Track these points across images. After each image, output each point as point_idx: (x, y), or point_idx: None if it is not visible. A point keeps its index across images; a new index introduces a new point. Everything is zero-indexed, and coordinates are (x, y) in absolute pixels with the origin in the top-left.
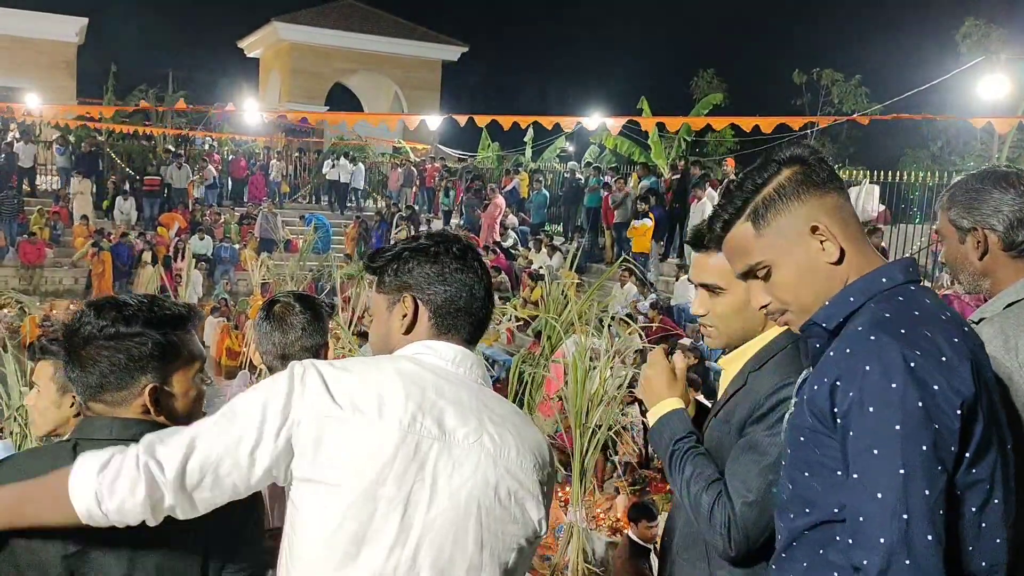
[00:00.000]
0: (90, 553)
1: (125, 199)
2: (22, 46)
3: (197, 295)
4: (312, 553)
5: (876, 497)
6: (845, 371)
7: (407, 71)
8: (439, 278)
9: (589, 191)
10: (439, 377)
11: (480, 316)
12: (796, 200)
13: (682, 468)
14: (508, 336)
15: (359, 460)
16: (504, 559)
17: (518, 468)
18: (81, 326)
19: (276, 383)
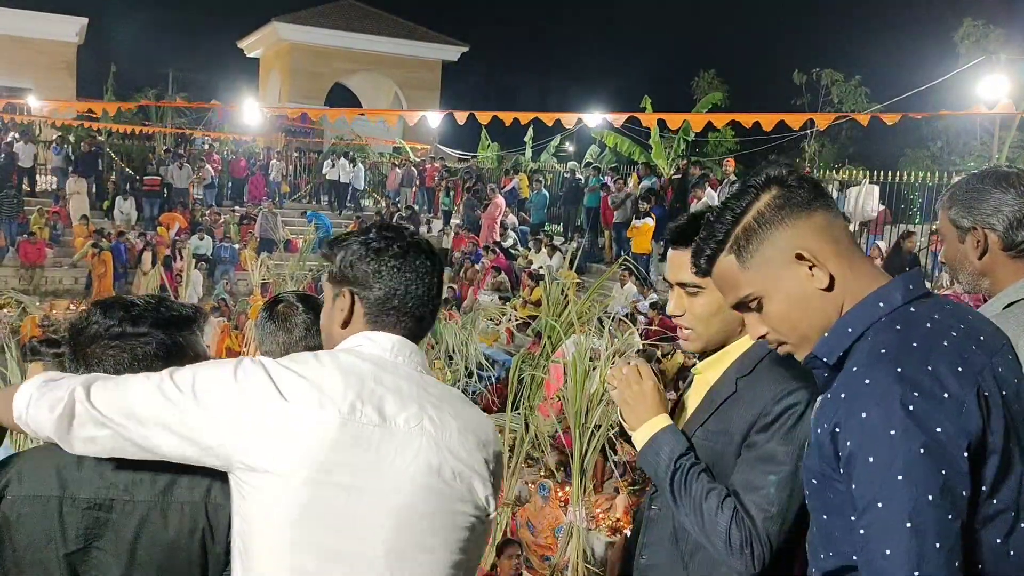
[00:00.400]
0: (91, 551)
1: (125, 199)
2: (22, 46)
3: (197, 295)
4: (263, 543)
5: (885, 554)
6: (843, 418)
7: (407, 71)
8: (376, 275)
9: (589, 191)
10: (377, 367)
11: (418, 315)
12: (779, 226)
13: (688, 487)
14: (508, 336)
15: (303, 449)
16: (455, 538)
17: (460, 448)
18: (88, 325)
19: (225, 370)
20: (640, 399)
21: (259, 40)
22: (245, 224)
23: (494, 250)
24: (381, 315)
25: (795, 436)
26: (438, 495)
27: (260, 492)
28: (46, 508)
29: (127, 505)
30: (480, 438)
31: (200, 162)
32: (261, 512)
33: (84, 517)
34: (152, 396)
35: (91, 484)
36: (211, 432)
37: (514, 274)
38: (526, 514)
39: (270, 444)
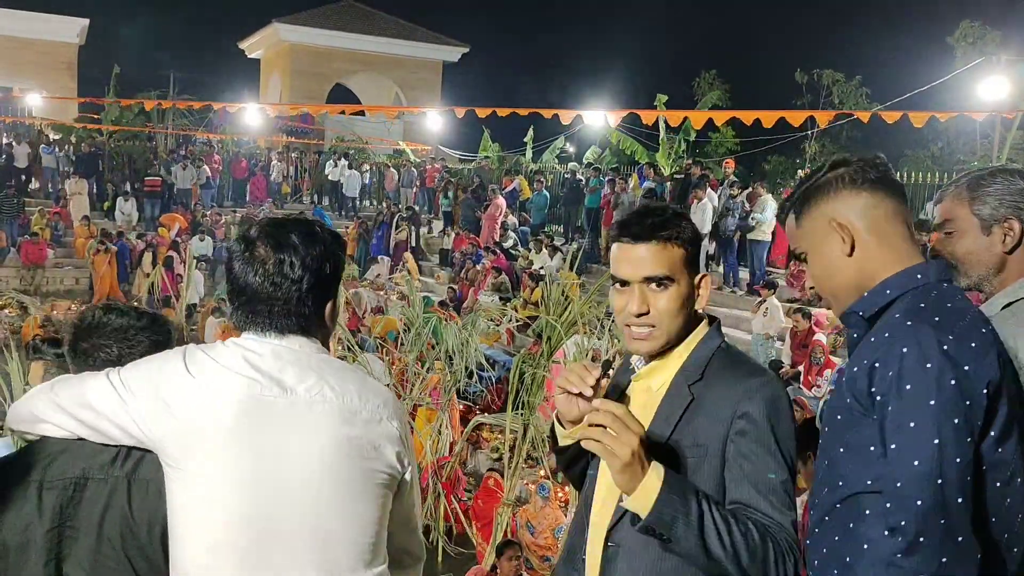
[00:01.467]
0: (64, 529)
1: (126, 200)
2: (23, 47)
3: (199, 295)
4: (187, 517)
5: (913, 465)
6: (884, 354)
7: (407, 72)
8: (228, 273)
9: (589, 192)
10: (275, 346)
11: (266, 302)
12: (828, 197)
13: (717, 528)
14: (508, 337)
15: (214, 421)
16: (371, 496)
17: (362, 409)
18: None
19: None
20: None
21: (260, 41)
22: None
23: (494, 251)
24: (242, 319)
25: (780, 430)
26: (347, 456)
27: (177, 467)
28: (25, 492)
29: (101, 484)
30: (380, 399)
31: (199, 162)
32: (181, 488)
33: (59, 498)
34: (101, 386)
35: (71, 466)
36: (136, 412)
37: (514, 275)
38: (526, 515)
39: (180, 419)
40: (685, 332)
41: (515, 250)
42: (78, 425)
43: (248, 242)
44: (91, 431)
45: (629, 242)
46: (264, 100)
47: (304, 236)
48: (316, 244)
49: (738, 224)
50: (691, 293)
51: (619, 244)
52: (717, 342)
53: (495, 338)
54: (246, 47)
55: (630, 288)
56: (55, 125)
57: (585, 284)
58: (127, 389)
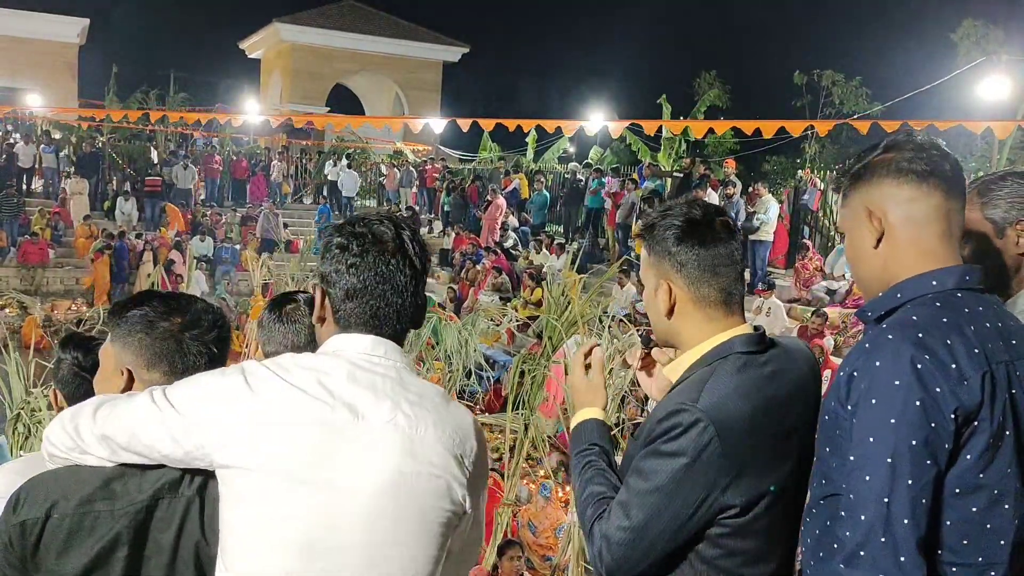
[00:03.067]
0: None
1: (126, 200)
2: (23, 47)
3: (200, 294)
4: (240, 540)
5: (865, 479)
6: (861, 364)
7: (408, 72)
8: (336, 273)
9: (590, 193)
10: (353, 365)
11: (384, 313)
12: (869, 183)
13: (580, 478)
14: (508, 337)
15: (276, 446)
16: (430, 533)
17: (436, 444)
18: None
19: (208, 377)
20: (583, 387)
21: (260, 41)
22: (246, 225)
23: (495, 251)
24: (347, 313)
25: (665, 455)
26: (410, 491)
27: (237, 490)
28: (96, 523)
29: (173, 502)
30: (458, 435)
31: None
32: (238, 510)
33: (132, 522)
34: (144, 412)
35: (141, 490)
36: (190, 436)
37: (515, 275)
38: (527, 514)
39: (245, 442)
40: (671, 335)
41: (515, 250)
42: (130, 456)
43: (374, 235)
44: (141, 460)
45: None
46: (264, 100)
47: (411, 228)
48: (420, 235)
49: (740, 225)
50: (654, 298)
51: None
52: (728, 352)
53: (495, 338)
54: (246, 47)
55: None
56: (57, 124)
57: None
58: (176, 411)
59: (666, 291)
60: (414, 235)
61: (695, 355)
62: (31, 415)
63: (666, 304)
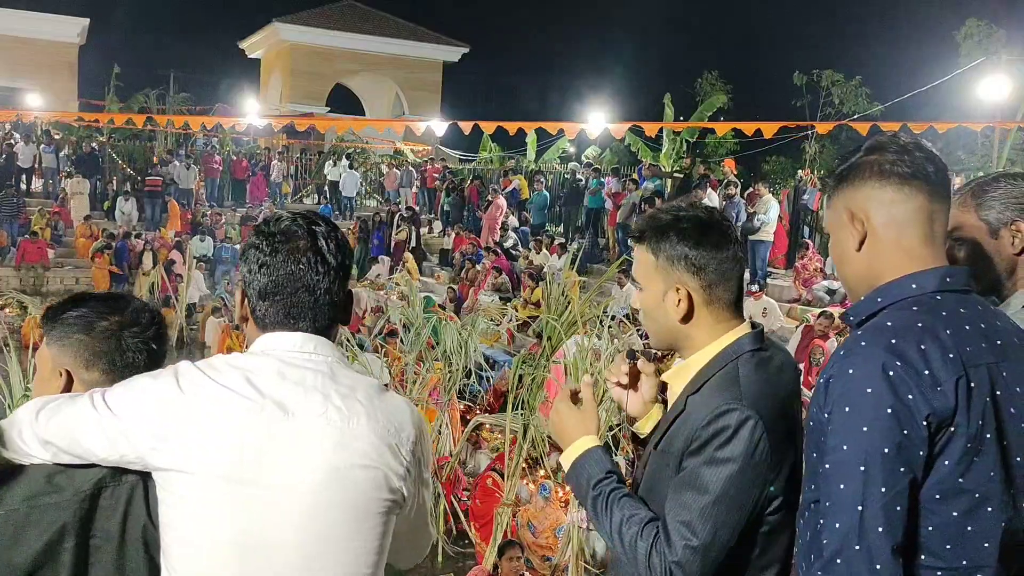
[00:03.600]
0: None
1: (126, 200)
2: (24, 47)
3: (200, 294)
4: (179, 540)
5: (839, 487)
6: (837, 370)
7: (408, 72)
8: (250, 272)
9: (590, 193)
10: (281, 362)
11: (297, 312)
12: (852, 185)
13: (609, 513)
14: (508, 337)
15: (208, 446)
16: (370, 525)
17: (370, 435)
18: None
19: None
20: (564, 422)
21: (260, 41)
22: (246, 225)
23: (495, 251)
24: (262, 313)
25: (723, 461)
26: (344, 485)
27: (173, 491)
28: (42, 515)
29: (117, 488)
30: (392, 424)
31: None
32: (175, 511)
33: (77, 510)
34: (83, 416)
35: (85, 479)
36: (125, 439)
37: (515, 275)
38: (527, 515)
39: (177, 444)
40: (673, 336)
41: (515, 250)
42: (69, 459)
43: (283, 233)
44: (80, 461)
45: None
46: (264, 100)
47: (327, 225)
48: (338, 231)
49: (742, 226)
50: (659, 304)
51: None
52: (739, 352)
53: (495, 338)
54: (246, 47)
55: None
56: (57, 124)
57: (585, 284)
58: (113, 413)
59: (683, 296)
60: (330, 232)
61: (705, 357)
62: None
63: (682, 309)
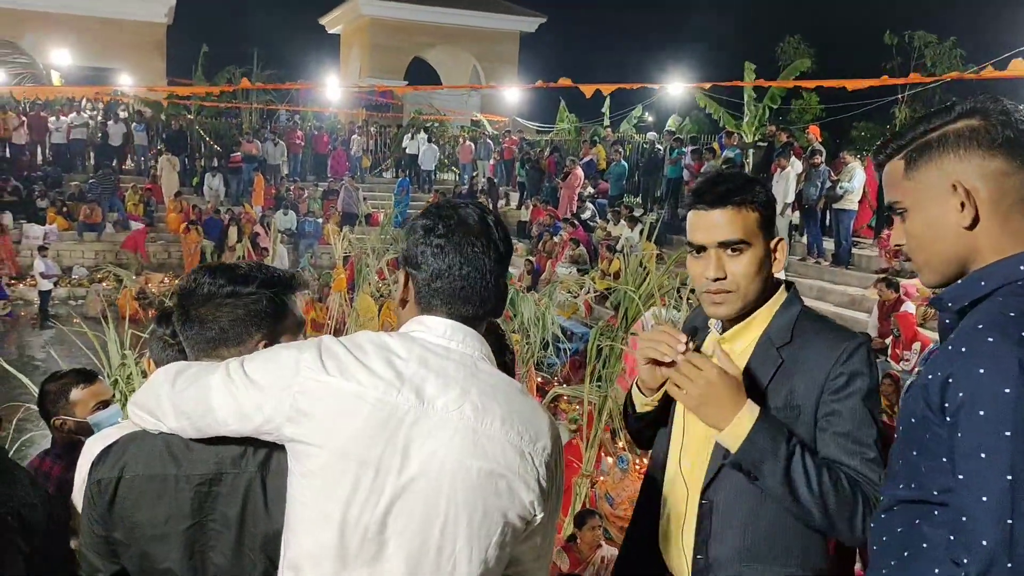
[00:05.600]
0: (207, 525)
1: (213, 176)
2: (113, 27)
3: (284, 268)
4: (299, 514)
5: (981, 500)
6: (958, 370)
7: (485, 44)
8: (423, 256)
9: (670, 163)
10: (426, 350)
11: (466, 297)
12: (952, 154)
13: (808, 472)
14: (586, 309)
15: (338, 423)
16: (485, 533)
17: (502, 439)
18: (199, 286)
19: (285, 351)
20: (713, 394)
21: (340, 16)
22: (328, 199)
23: (572, 222)
24: (429, 296)
25: (872, 390)
26: (467, 484)
27: (302, 465)
28: (164, 486)
29: (236, 478)
30: (529, 432)
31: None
32: (302, 485)
33: (196, 493)
34: (220, 386)
35: (204, 461)
36: (261, 410)
37: (592, 246)
38: (605, 486)
39: (312, 419)
40: (763, 296)
41: (593, 221)
42: (202, 429)
43: (459, 217)
44: (215, 433)
45: (704, 208)
46: (344, 75)
47: (496, 216)
48: (510, 245)
49: (823, 193)
50: (767, 257)
51: (694, 211)
52: (799, 306)
53: (572, 310)
54: (326, 22)
55: (707, 254)
56: (147, 103)
57: (665, 255)
58: (252, 384)
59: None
60: (498, 221)
61: (768, 314)
62: (127, 382)
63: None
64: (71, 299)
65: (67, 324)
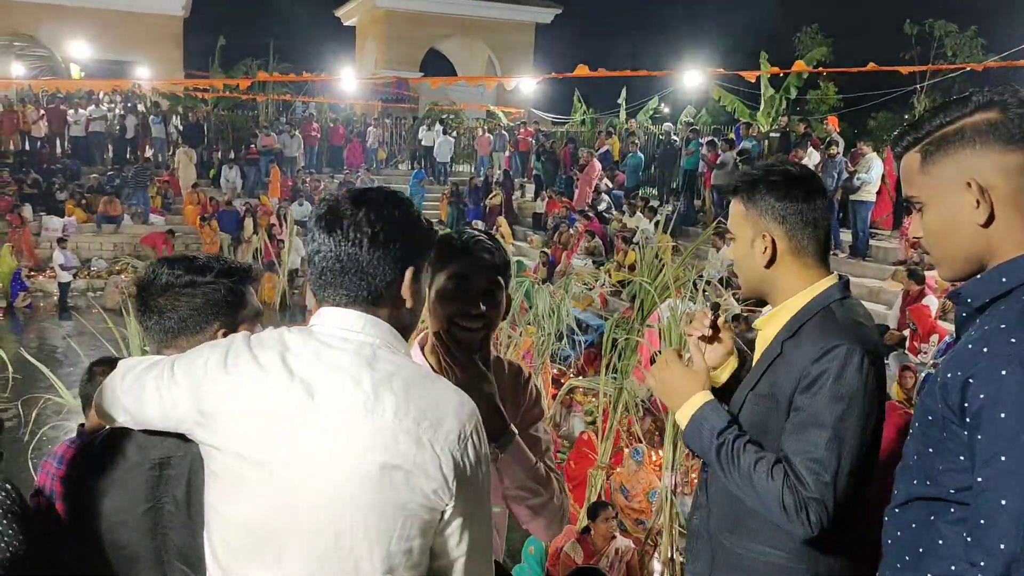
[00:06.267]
0: (162, 507)
1: (230, 168)
2: (130, 20)
3: (300, 259)
4: (212, 517)
5: (1000, 504)
6: (980, 370)
7: (501, 35)
8: (309, 243)
9: (687, 154)
10: (321, 343)
11: (333, 279)
12: (969, 148)
13: (736, 460)
14: (601, 300)
15: (232, 422)
16: (385, 527)
17: (394, 428)
18: (157, 276)
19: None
20: (673, 381)
21: (356, 8)
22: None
23: (587, 215)
24: (314, 283)
25: (840, 397)
26: (361, 479)
27: (209, 467)
28: (124, 475)
29: (181, 460)
30: (429, 418)
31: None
32: (208, 484)
33: (148, 478)
34: (152, 381)
35: (154, 447)
36: (176, 409)
37: (608, 238)
38: (620, 478)
39: (212, 419)
40: (764, 284)
41: (608, 213)
42: (141, 423)
43: (331, 204)
44: (151, 428)
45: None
46: (359, 66)
47: (387, 196)
48: (398, 205)
49: (840, 184)
50: (752, 249)
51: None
52: (830, 300)
53: (588, 302)
54: (342, 14)
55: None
56: (165, 95)
57: (681, 247)
58: (175, 383)
59: (768, 243)
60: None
61: (798, 303)
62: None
63: (767, 255)
64: (90, 291)
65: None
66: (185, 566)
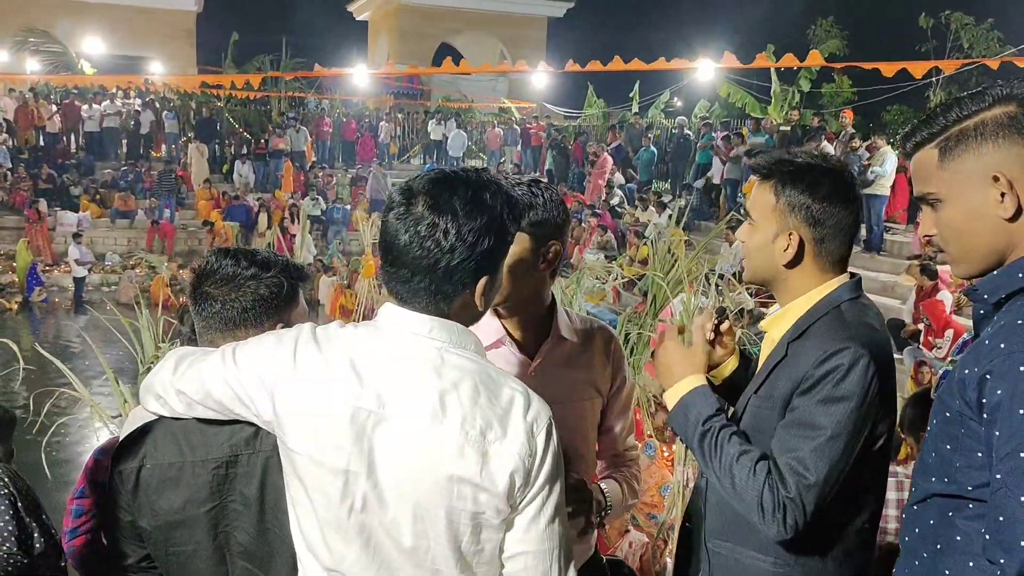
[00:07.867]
0: (227, 506)
1: (243, 163)
2: (144, 16)
3: (311, 254)
4: (293, 506)
5: (1020, 501)
6: (998, 367)
7: (513, 29)
8: (383, 226)
9: (700, 148)
10: (389, 346)
11: (405, 275)
12: (991, 143)
13: (718, 450)
14: (614, 295)
15: (302, 426)
16: (455, 533)
17: (461, 442)
18: (220, 267)
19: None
20: (669, 359)
21: (368, 2)
22: (356, 185)
23: (596, 211)
24: (386, 280)
25: (837, 400)
26: (431, 491)
27: (285, 463)
28: (180, 473)
29: (251, 458)
30: (495, 428)
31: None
32: (288, 480)
33: (213, 476)
34: (214, 369)
35: (218, 445)
36: (253, 401)
37: (620, 232)
38: None
39: (285, 420)
40: (772, 275)
41: (621, 207)
42: (203, 411)
43: (408, 195)
44: (216, 415)
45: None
46: (371, 61)
47: (469, 202)
48: (482, 214)
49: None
50: (771, 242)
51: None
52: (840, 300)
53: (600, 296)
54: (354, 9)
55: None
56: (178, 92)
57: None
58: (238, 369)
59: (794, 243)
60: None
61: (806, 304)
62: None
63: (789, 255)
64: (104, 285)
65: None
66: (249, 564)
